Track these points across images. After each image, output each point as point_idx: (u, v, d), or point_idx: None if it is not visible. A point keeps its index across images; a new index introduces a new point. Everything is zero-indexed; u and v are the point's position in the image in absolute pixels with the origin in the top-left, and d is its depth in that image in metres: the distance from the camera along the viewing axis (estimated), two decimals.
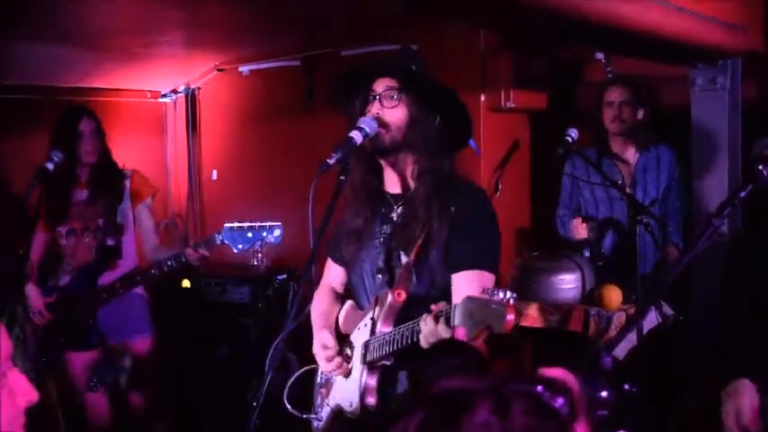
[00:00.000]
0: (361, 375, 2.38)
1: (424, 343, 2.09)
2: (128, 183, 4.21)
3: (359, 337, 2.46)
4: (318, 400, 2.64)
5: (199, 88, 5.90)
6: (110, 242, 4.06)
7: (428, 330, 2.06)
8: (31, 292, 4.00)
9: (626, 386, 3.05)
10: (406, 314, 2.31)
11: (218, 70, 5.70)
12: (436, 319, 2.04)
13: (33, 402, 1.38)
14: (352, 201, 2.52)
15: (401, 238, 2.40)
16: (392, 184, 2.52)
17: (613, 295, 3.86)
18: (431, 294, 2.37)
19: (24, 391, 1.38)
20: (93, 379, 3.35)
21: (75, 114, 4.11)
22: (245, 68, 5.57)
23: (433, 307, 2.09)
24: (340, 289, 2.75)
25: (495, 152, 4.79)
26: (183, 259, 3.83)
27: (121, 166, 4.26)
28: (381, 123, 2.38)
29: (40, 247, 4.17)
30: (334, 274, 2.75)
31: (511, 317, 1.84)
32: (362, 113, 2.42)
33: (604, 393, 1.67)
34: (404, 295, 2.32)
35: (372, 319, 2.40)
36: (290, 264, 4.99)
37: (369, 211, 2.48)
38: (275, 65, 5.40)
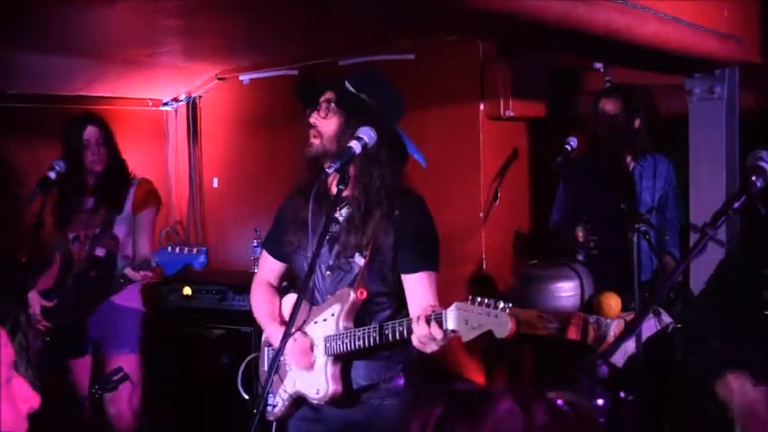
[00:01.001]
0: (326, 366, 2.60)
1: (417, 344, 2.34)
2: (132, 192, 4.16)
3: (317, 330, 2.64)
4: (269, 388, 2.74)
5: (200, 97, 5.93)
6: (98, 252, 4.01)
7: (421, 332, 2.28)
8: (32, 298, 4.01)
9: (621, 394, 3.06)
10: (361, 310, 2.60)
11: (219, 79, 5.74)
12: (428, 322, 2.26)
13: (35, 409, 1.40)
14: (298, 197, 2.72)
15: (351, 239, 2.61)
16: (334, 186, 2.64)
17: (612, 302, 3.88)
18: (382, 291, 2.65)
19: (26, 398, 1.40)
20: (94, 386, 3.36)
21: (79, 123, 4.08)
22: (245, 77, 5.61)
23: (422, 312, 2.31)
24: (275, 283, 2.97)
25: (494, 160, 4.81)
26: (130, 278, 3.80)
27: (133, 174, 4.22)
28: (316, 132, 2.63)
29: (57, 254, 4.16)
30: (271, 268, 2.97)
31: (513, 324, 2.08)
32: (307, 121, 2.66)
33: (600, 401, 1.70)
34: (365, 294, 2.57)
35: (333, 314, 2.60)
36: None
37: (314, 207, 2.59)
38: (275, 74, 5.43)
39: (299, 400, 2.72)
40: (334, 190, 2.65)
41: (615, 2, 2.90)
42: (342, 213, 2.66)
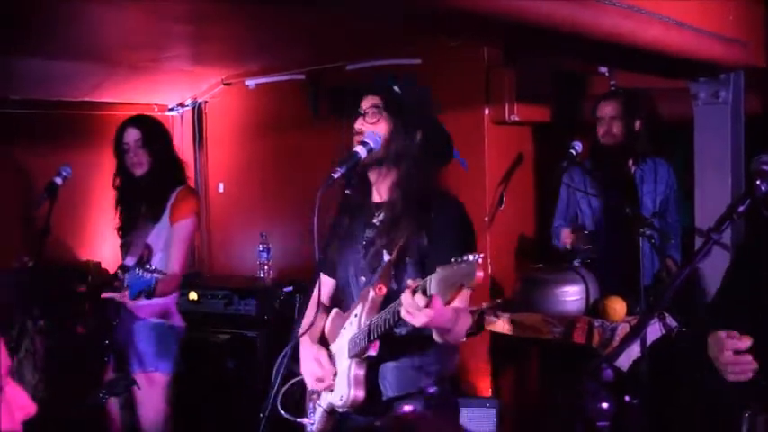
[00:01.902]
0: (350, 369, 2.53)
1: (404, 315, 2.24)
2: (171, 200, 3.91)
3: (345, 335, 2.59)
4: (311, 406, 2.75)
5: (205, 102, 5.95)
6: (128, 262, 3.70)
7: (407, 303, 2.21)
8: None
9: (626, 398, 3.05)
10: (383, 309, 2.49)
11: (225, 84, 5.75)
12: (413, 293, 2.20)
13: (31, 416, 1.40)
14: (339, 209, 2.64)
15: (383, 239, 2.55)
16: (377, 194, 2.66)
17: (617, 306, 3.88)
18: None
19: (22, 405, 1.40)
20: (102, 390, 3.36)
21: (122, 126, 3.95)
22: (251, 82, 5.62)
23: (410, 282, 2.24)
24: (327, 302, 2.86)
25: (500, 165, 4.82)
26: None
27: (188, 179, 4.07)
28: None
29: None
30: (323, 288, 2.83)
31: (480, 273, 2.04)
32: (352, 128, 2.59)
33: (605, 405, 1.70)
34: (384, 290, 2.49)
35: (357, 315, 2.54)
36: (296, 276, 5.02)
37: (353, 218, 2.60)
38: (281, 79, 5.45)
39: (334, 414, 2.65)
40: (375, 198, 2.64)
41: (620, 7, 2.91)
42: (379, 218, 2.61)
